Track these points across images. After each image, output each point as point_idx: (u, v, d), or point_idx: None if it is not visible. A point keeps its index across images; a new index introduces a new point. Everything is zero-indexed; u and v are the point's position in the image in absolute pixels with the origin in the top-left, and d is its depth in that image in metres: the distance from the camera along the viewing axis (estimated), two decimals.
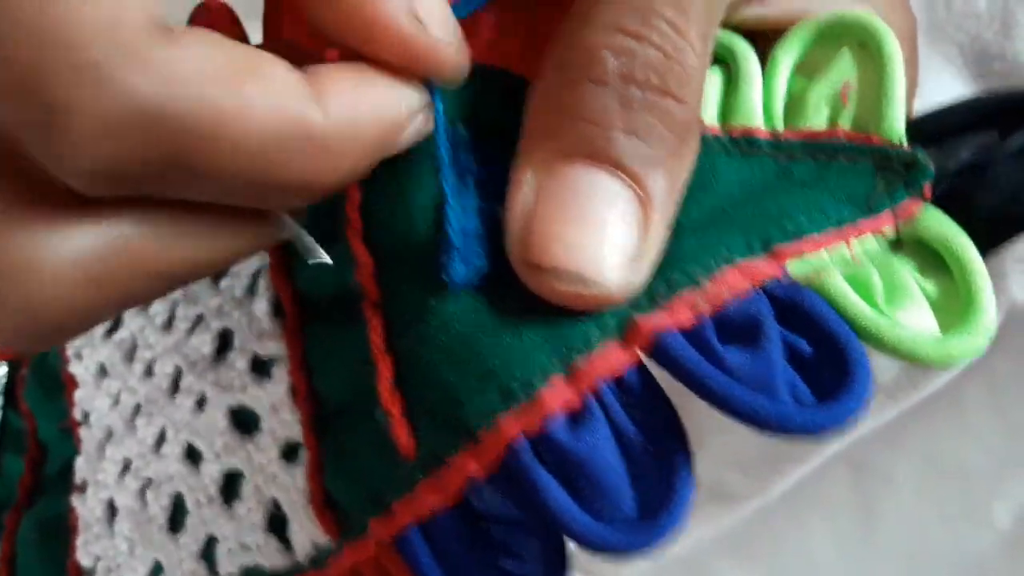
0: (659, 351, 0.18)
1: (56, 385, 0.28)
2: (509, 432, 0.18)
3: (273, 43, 0.20)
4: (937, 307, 0.20)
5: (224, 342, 0.24)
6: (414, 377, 0.20)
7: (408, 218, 0.20)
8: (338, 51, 0.19)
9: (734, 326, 0.19)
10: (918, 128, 0.22)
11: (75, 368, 0.27)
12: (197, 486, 0.24)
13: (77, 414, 0.27)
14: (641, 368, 0.19)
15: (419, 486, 0.19)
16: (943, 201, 0.21)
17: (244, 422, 0.23)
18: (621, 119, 0.18)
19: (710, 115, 0.22)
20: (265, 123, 0.16)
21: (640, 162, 0.18)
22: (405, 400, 0.20)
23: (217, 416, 0.24)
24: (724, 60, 0.23)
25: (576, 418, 0.18)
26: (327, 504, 0.22)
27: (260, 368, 0.23)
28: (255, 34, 0.23)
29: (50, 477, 0.28)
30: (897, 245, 0.21)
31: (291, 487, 0.23)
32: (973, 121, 0.22)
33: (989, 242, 0.21)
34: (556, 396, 0.18)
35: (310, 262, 0.20)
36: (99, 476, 0.26)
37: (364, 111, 0.17)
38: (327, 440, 0.22)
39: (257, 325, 0.23)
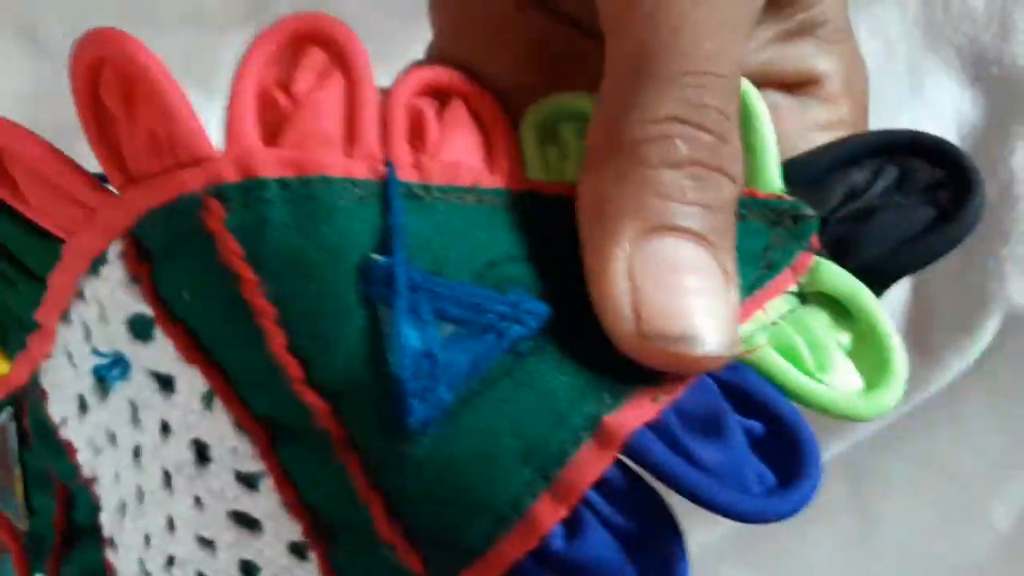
0: (635, 452, 0.19)
1: (58, 447, 0.27)
2: (512, 554, 0.19)
3: None
4: (853, 355, 0.22)
5: (200, 454, 0.23)
6: (407, 512, 0.20)
7: (347, 358, 0.20)
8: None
9: (694, 416, 0.20)
10: (792, 171, 0.23)
11: (67, 435, 0.27)
12: (219, 569, 0.24)
13: (86, 473, 0.27)
14: (620, 465, 0.20)
15: None
16: (830, 249, 0.23)
17: (247, 522, 0.23)
18: (695, 196, 0.20)
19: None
20: None
21: (716, 233, 0.20)
22: (405, 528, 0.20)
23: (219, 516, 0.23)
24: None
25: (570, 526, 0.19)
26: None
27: (246, 481, 0.23)
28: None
29: (82, 525, 0.28)
30: (803, 298, 0.23)
31: None
32: (843, 159, 0.23)
33: (877, 290, 0.22)
34: (548, 513, 0.19)
35: None
36: (125, 538, 0.26)
37: None
38: (333, 548, 0.22)
39: (227, 442, 0.22)
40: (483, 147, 0.24)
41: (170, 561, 0.25)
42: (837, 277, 0.22)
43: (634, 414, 0.19)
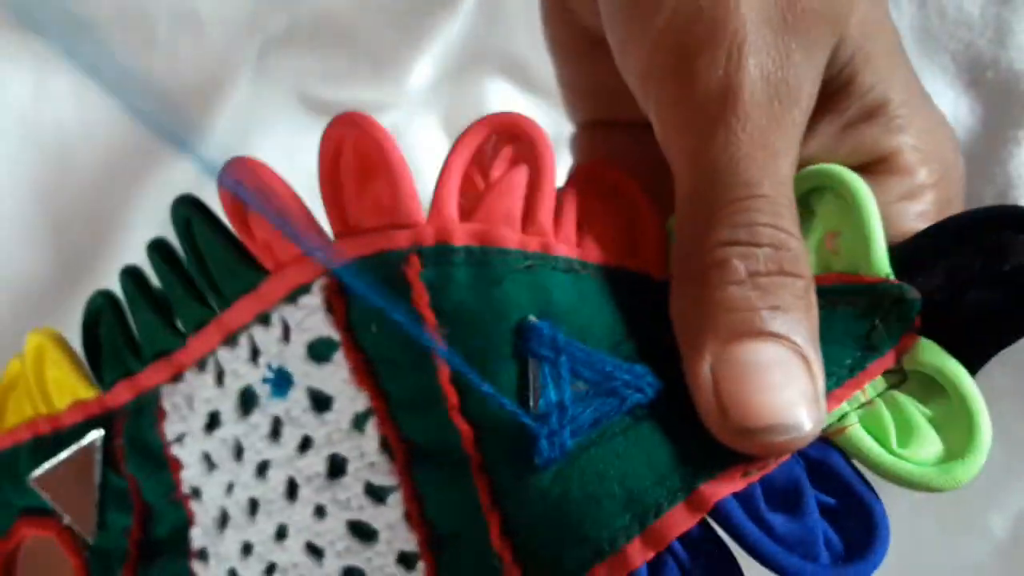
0: (720, 517, 0.23)
1: (159, 463, 0.30)
2: None
3: None
4: (937, 425, 0.24)
5: (336, 467, 0.26)
6: (520, 532, 0.24)
7: (497, 403, 0.24)
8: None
9: (777, 489, 0.23)
10: (900, 255, 0.24)
11: (178, 452, 0.29)
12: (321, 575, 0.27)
13: (185, 489, 0.30)
14: (704, 524, 0.23)
15: None
16: (928, 328, 0.24)
17: (364, 533, 0.26)
18: (762, 301, 0.23)
19: None
20: None
21: (787, 327, 0.23)
22: (514, 546, 0.24)
23: (337, 525, 0.27)
24: None
25: (654, 567, 0.23)
26: None
27: (375, 493, 0.26)
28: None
29: (163, 539, 0.30)
30: (901, 379, 0.24)
31: None
32: (947, 239, 0.24)
33: (973, 365, 0.24)
34: (637, 553, 0.22)
35: None
36: (220, 549, 0.29)
37: None
38: (443, 558, 0.25)
39: (368, 458, 0.26)
40: (628, 231, 0.27)
41: (270, 569, 0.28)
42: (937, 357, 0.24)
43: (725, 485, 0.22)
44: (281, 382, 0.27)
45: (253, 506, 0.28)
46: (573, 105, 0.32)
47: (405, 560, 0.26)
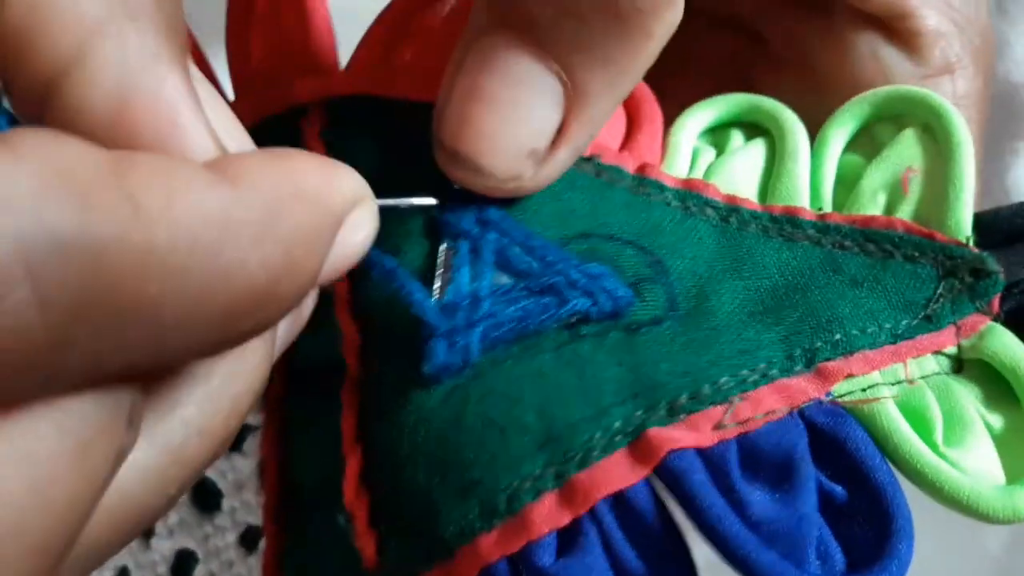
0: (671, 476, 0.16)
1: None
2: (488, 555, 0.15)
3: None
4: (1001, 443, 0.18)
5: None
6: (385, 475, 0.17)
7: (394, 287, 0.17)
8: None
9: (763, 456, 0.16)
10: (984, 226, 0.19)
11: None
12: (145, 563, 0.21)
13: None
14: (649, 486, 0.16)
15: None
16: (1012, 319, 0.19)
17: (204, 499, 0.21)
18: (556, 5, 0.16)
19: (749, 191, 0.20)
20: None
21: (576, 51, 0.17)
22: (372, 499, 0.17)
23: None
24: (769, 132, 0.21)
25: (567, 539, 0.15)
26: None
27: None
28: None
29: None
30: (959, 365, 0.19)
31: None
32: None
33: None
34: (546, 516, 0.15)
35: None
36: None
37: (286, 193, 0.13)
38: (289, 529, 0.19)
39: None
40: (623, 125, 0.21)
41: None
42: (1009, 346, 0.18)
43: (686, 434, 0.16)
44: None
45: None
46: None
47: (246, 539, 0.20)
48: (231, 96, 0.22)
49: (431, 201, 0.18)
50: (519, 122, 0.17)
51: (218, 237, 0.11)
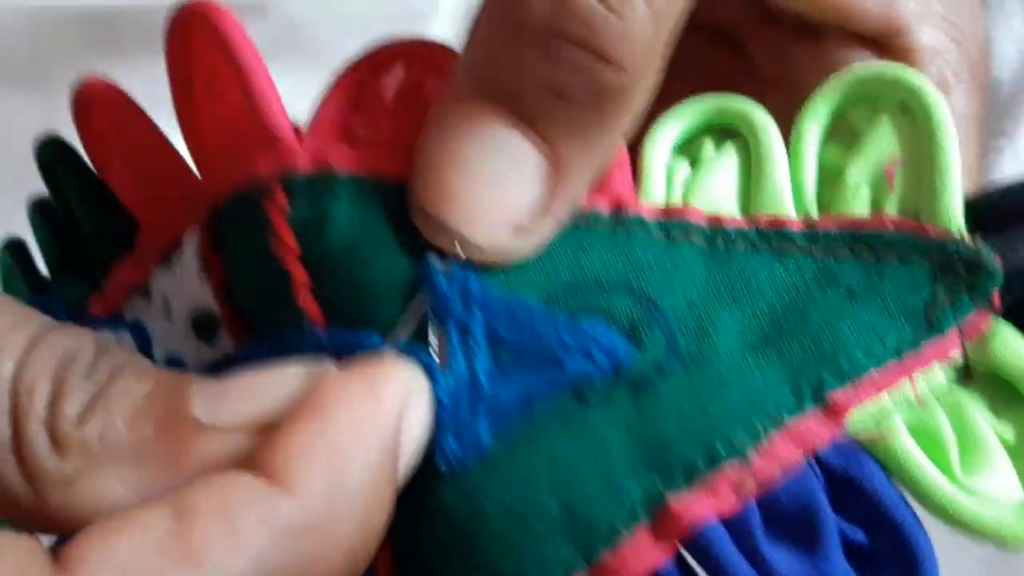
0: (699, 550, 0.16)
1: None
2: None
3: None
4: (1015, 453, 0.17)
5: None
6: (416, 569, 0.17)
7: None
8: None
9: (783, 511, 0.16)
10: (976, 211, 0.18)
11: None
12: None
13: None
14: (679, 561, 0.16)
15: None
16: (1013, 313, 0.18)
17: None
18: (543, 73, 0.16)
19: (729, 204, 0.19)
20: None
21: (557, 124, 0.17)
22: None
23: None
24: (740, 134, 0.20)
25: None
26: None
27: None
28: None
29: None
30: (965, 372, 0.18)
31: None
32: None
33: None
34: None
35: None
36: None
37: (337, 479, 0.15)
38: None
39: None
40: None
41: None
42: (1015, 347, 0.17)
43: (708, 501, 0.16)
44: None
45: None
46: None
47: None
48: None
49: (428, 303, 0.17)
50: (504, 196, 0.17)
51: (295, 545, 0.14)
